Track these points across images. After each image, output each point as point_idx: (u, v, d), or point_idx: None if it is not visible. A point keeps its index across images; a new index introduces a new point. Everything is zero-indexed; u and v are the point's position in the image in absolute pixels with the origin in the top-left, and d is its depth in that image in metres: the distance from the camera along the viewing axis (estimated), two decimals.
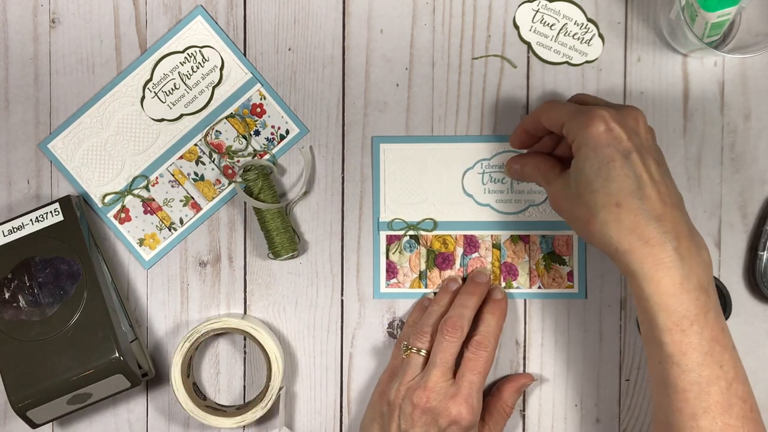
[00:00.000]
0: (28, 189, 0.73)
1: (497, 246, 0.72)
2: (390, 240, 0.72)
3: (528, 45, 0.71)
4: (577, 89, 0.71)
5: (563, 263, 0.72)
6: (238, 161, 0.72)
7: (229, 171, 0.73)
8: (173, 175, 0.73)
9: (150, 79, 0.72)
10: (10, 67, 0.73)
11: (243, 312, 0.73)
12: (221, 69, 0.72)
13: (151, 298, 0.73)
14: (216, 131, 0.73)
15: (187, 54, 0.72)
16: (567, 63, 0.71)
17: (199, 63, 0.72)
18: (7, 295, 0.67)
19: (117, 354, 0.66)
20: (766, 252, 0.70)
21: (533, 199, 0.72)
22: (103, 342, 0.66)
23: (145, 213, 0.73)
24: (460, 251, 0.72)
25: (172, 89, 0.72)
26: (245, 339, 0.73)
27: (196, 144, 0.73)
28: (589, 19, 0.71)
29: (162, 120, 0.73)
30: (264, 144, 0.73)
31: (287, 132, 0.73)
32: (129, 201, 0.73)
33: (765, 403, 0.70)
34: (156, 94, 0.72)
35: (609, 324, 0.72)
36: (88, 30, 0.73)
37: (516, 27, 0.71)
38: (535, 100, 0.71)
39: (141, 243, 0.73)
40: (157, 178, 0.73)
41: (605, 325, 0.72)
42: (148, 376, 0.72)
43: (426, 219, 0.72)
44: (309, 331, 0.73)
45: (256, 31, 0.72)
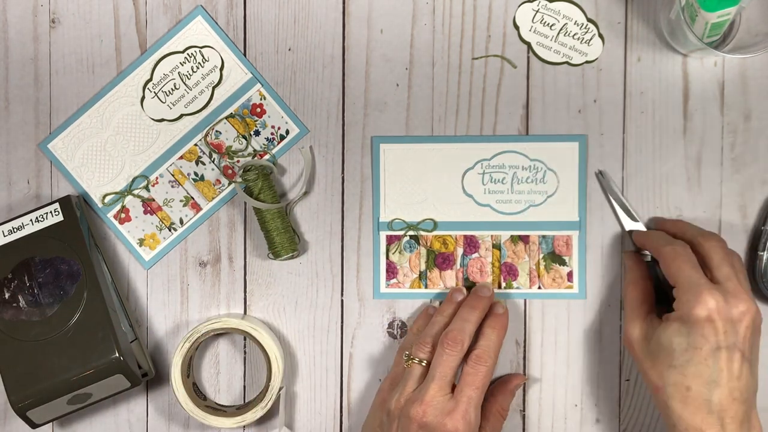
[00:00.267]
0: (28, 189, 0.73)
1: (497, 246, 0.72)
2: (390, 240, 0.72)
3: (528, 45, 0.71)
4: (577, 89, 0.71)
5: (563, 263, 0.72)
6: (238, 161, 0.72)
7: (229, 171, 0.73)
8: (173, 175, 0.73)
9: (150, 79, 0.72)
10: (10, 67, 0.73)
11: (243, 312, 0.73)
12: (221, 69, 0.72)
13: (151, 298, 0.73)
14: (216, 131, 0.73)
15: (187, 54, 0.72)
16: (567, 63, 0.71)
17: (199, 63, 0.72)
18: (7, 295, 0.67)
19: (117, 354, 0.66)
20: (766, 252, 0.70)
21: (533, 200, 0.72)
22: (103, 342, 0.66)
23: (145, 213, 0.73)
24: (460, 251, 0.72)
25: (172, 89, 0.72)
26: (245, 339, 0.73)
27: (196, 144, 0.73)
28: (589, 19, 0.71)
29: (162, 120, 0.72)
30: (264, 144, 0.73)
31: (287, 132, 0.72)
32: (129, 201, 0.73)
33: (765, 404, 0.70)
34: (156, 94, 0.72)
35: (609, 324, 0.72)
36: (88, 30, 0.73)
37: (516, 27, 0.71)
38: (536, 100, 0.71)
39: (141, 243, 0.73)
40: (157, 178, 0.73)
41: (605, 325, 0.72)
42: (148, 376, 0.72)
43: (426, 219, 0.72)
44: (309, 332, 0.73)
45: (256, 31, 0.72)
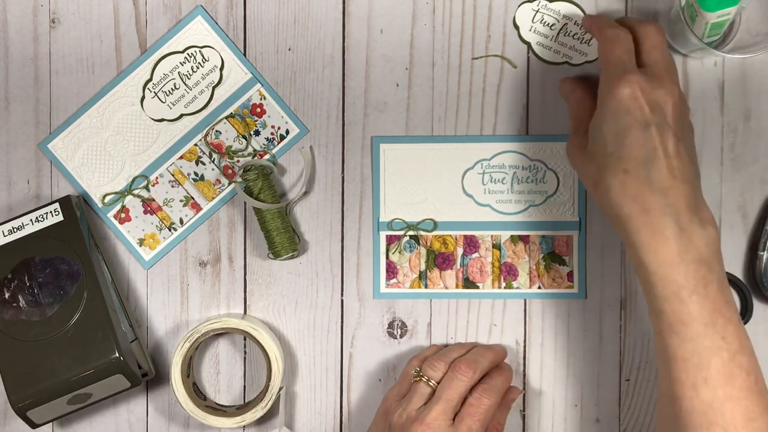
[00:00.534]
0: (28, 189, 0.73)
1: (497, 246, 0.72)
2: (390, 240, 0.72)
3: (528, 45, 0.71)
4: None
5: (563, 263, 0.72)
6: (238, 161, 0.72)
7: (229, 171, 0.73)
8: (173, 175, 0.73)
9: (150, 79, 0.72)
10: (10, 67, 0.73)
11: (243, 312, 0.73)
12: (221, 69, 0.72)
13: (151, 298, 0.73)
14: (216, 131, 0.73)
15: (187, 54, 0.72)
16: (567, 63, 0.71)
17: (199, 63, 0.72)
18: (7, 295, 0.67)
19: (117, 354, 0.66)
20: (766, 252, 0.70)
21: (533, 200, 0.72)
22: (103, 342, 0.66)
23: (145, 213, 0.73)
24: (460, 251, 0.72)
25: (172, 89, 0.72)
26: (245, 339, 0.73)
27: (196, 144, 0.73)
28: None
29: (162, 120, 0.72)
30: (264, 144, 0.73)
31: (287, 132, 0.72)
32: (129, 201, 0.73)
33: None
34: (156, 94, 0.72)
35: (609, 324, 0.72)
36: (88, 30, 0.73)
37: (516, 27, 0.71)
38: (536, 100, 0.71)
39: (141, 243, 0.73)
40: (157, 178, 0.73)
41: (605, 325, 0.72)
42: (148, 376, 0.72)
43: (426, 219, 0.72)
44: (309, 331, 0.73)
45: (256, 31, 0.72)
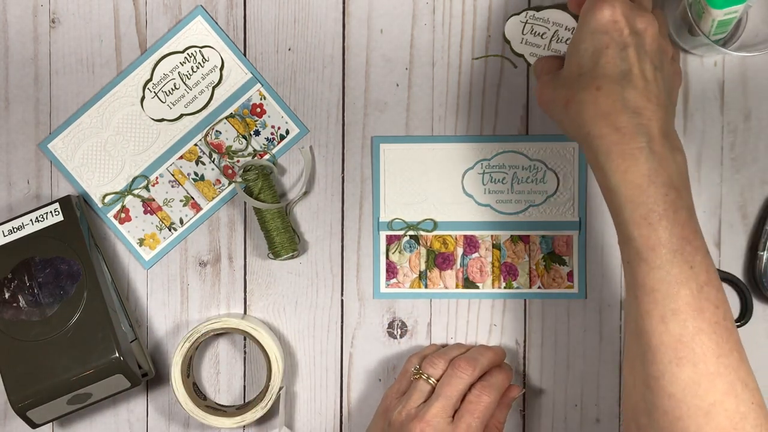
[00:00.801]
0: (28, 189, 0.73)
1: (497, 246, 0.72)
2: (390, 240, 0.72)
3: (522, 57, 0.71)
4: None
5: (563, 263, 0.72)
6: (238, 161, 0.72)
7: (229, 171, 0.73)
8: (173, 175, 0.73)
9: (150, 79, 0.72)
10: (10, 67, 0.73)
11: (243, 312, 0.73)
12: (221, 69, 0.72)
13: (151, 298, 0.73)
14: (216, 131, 0.73)
15: (187, 54, 0.72)
16: None
17: (199, 63, 0.72)
18: (7, 295, 0.67)
19: (117, 354, 0.66)
20: (766, 252, 0.70)
21: (533, 199, 0.72)
22: (103, 342, 0.66)
23: (145, 213, 0.73)
24: (460, 251, 0.72)
25: (172, 89, 0.72)
26: (245, 339, 0.73)
27: (196, 144, 0.73)
28: None
29: (162, 120, 0.72)
30: (264, 144, 0.73)
31: (287, 132, 0.72)
32: (129, 201, 0.73)
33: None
34: (156, 94, 0.72)
35: (609, 324, 0.72)
36: (88, 30, 0.73)
37: (507, 42, 0.71)
38: (536, 99, 0.71)
39: (141, 243, 0.73)
40: (157, 178, 0.73)
41: (605, 325, 0.72)
42: (148, 376, 0.72)
43: (426, 219, 0.72)
44: (309, 331, 0.73)
45: (256, 31, 0.72)
